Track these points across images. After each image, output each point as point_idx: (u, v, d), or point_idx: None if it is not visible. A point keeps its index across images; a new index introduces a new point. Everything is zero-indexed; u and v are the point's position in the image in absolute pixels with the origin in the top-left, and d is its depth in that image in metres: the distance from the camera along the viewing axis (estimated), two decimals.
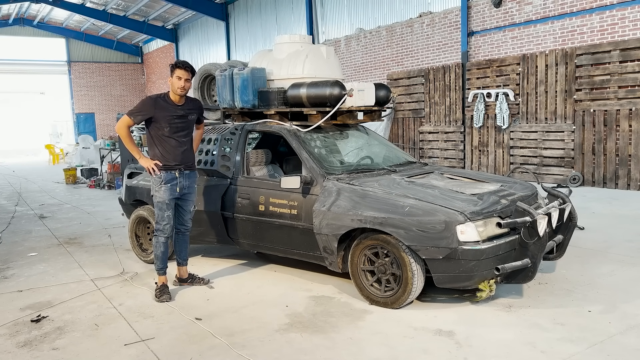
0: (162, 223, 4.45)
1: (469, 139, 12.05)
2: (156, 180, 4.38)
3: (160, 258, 4.51)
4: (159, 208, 4.43)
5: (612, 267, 4.88)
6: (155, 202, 4.43)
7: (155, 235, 4.50)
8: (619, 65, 9.27)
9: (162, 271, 4.52)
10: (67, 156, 20.91)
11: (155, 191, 4.41)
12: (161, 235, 4.48)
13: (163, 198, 4.39)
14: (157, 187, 4.39)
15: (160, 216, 4.44)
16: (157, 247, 4.50)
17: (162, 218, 4.44)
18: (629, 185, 9.30)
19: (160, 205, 4.42)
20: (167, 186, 4.39)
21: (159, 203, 4.41)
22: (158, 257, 4.50)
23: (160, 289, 4.45)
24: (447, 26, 12.53)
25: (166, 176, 4.38)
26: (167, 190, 4.39)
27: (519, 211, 3.87)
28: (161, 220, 4.45)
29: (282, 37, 5.57)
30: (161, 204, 4.41)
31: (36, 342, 3.67)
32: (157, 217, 4.46)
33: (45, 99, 30.90)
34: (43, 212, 9.11)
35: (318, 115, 4.92)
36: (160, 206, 4.42)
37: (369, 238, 4.10)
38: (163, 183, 4.37)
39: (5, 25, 27.87)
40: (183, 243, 4.75)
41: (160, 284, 4.49)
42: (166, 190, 4.39)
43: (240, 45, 21.21)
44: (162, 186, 4.38)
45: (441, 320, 3.79)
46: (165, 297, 4.39)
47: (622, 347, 3.28)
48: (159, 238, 4.48)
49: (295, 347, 3.45)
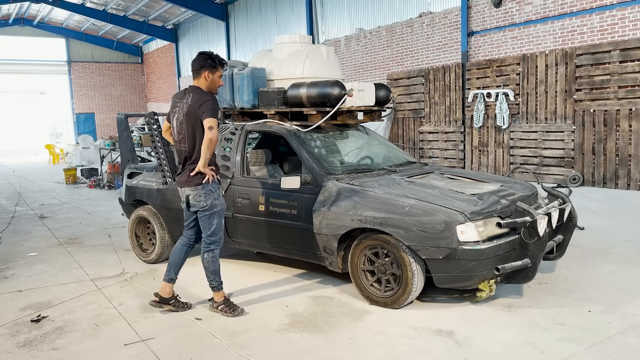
0: (220, 233, 4.05)
1: (469, 139, 12.05)
2: (215, 188, 3.98)
3: (218, 272, 4.09)
4: (220, 216, 4.02)
5: (612, 267, 4.88)
6: (216, 212, 3.98)
7: (211, 249, 4.03)
8: (619, 65, 9.27)
9: (221, 286, 4.12)
10: (67, 156, 20.90)
11: (214, 199, 3.96)
12: (217, 247, 4.07)
13: (224, 204, 4.08)
14: (217, 195, 3.99)
15: (219, 225, 4.03)
16: (214, 262, 4.05)
17: (220, 227, 4.05)
18: (629, 185, 9.30)
19: (221, 214, 4.04)
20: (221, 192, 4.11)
21: (221, 211, 4.03)
22: (216, 272, 4.07)
23: (228, 304, 4.04)
24: (447, 26, 12.53)
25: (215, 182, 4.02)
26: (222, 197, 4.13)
27: (519, 211, 3.87)
28: (220, 229, 4.04)
29: (282, 37, 5.57)
30: (222, 211, 4.05)
31: (36, 342, 3.67)
32: (216, 228, 4.00)
33: (45, 99, 30.92)
34: (43, 212, 9.11)
35: (318, 115, 4.92)
36: (221, 214, 4.03)
37: (369, 238, 4.10)
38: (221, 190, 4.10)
39: (5, 25, 27.88)
40: (186, 256, 4.33)
41: (221, 300, 4.07)
42: (222, 196, 4.11)
43: (240, 45, 21.21)
44: (221, 192, 4.08)
45: (441, 320, 3.79)
46: (239, 310, 4.02)
47: (622, 347, 3.28)
48: (215, 251, 4.06)
49: (295, 347, 3.45)
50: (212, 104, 3.86)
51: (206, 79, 3.93)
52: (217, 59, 3.96)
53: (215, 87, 4.00)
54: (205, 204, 3.95)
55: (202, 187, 3.91)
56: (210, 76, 3.93)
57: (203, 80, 3.95)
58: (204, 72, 3.93)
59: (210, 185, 3.93)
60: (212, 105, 3.84)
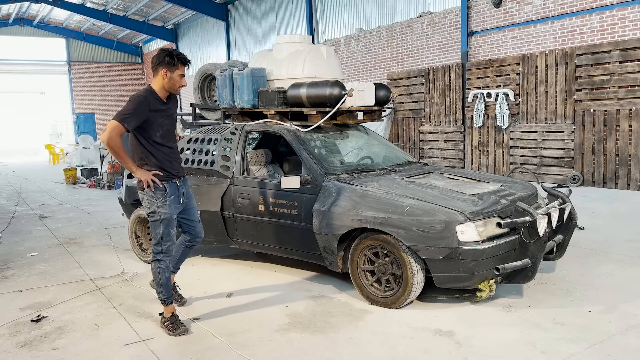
0: (167, 244, 3.76)
1: (469, 139, 12.05)
2: (158, 195, 3.67)
3: (165, 285, 3.78)
4: (165, 226, 3.71)
5: (612, 267, 4.88)
6: (159, 220, 3.70)
7: (157, 260, 3.76)
8: (619, 65, 9.27)
9: (169, 300, 3.82)
10: (67, 156, 20.90)
11: (157, 207, 3.68)
12: (164, 258, 3.77)
13: (170, 213, 3.72)
14: (161, 202, 3.68)
15: (165, 235, 3.73)
16: (161, 274, 3.76)
17: (167, 237, 3.74)
18: (629, 185, 9.30)
19: (166, 223, 3.71)
20: (171, 198, 3.73)
21: (165, 220, 3.70)
22: (162, 285, 3.77)
23: (173, 322, 3.74)
24: (447, 26, 12.53)
25: (170, 188, 3.73)
26: (173, 204, 3.74)
27: (519, 211, 3.87)
28: (166, 240, 3.74)
29: (282, 37, 5.57)
30: (167, 220, 3.71)
31: (36, 342, 3.67)
32: (161, 238, 3.72)
33: (45, 99, 30.91)
34: (43, 212, 9.10)
35: (318, 115, 4.92)
36: (166, 224, 3.72)
37: (369, 238, 4.10)
38: (168, 196, 3.71)
39: (5, 25, 27.87)
40: (186, 255, 4.21)
41: (169, 315, 3.78)
42: (171, 204, 3.73)
43: (240, 45, 21.21)
44: (167, 200, 3.70)
45: (441, 320, 3.79)
46: (182, 329, 3.71)
47: (622, 347, 3.28)
48: (162, 262, 3.76)
49: (295, 347, 3.45)
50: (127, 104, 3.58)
51: (163, 78, 3.65)
52: (177, 56, 3.64)
53: (175, 86, 3.69)
54: (148, 210, 3.73)
55: (145, 192, 3.70)
56: (168, 74, 3.63)
57: (160, 79, 3.67)
58: (161, 70, 3.64)
59: (152, 191, 3.66)
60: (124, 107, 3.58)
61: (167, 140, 3.78)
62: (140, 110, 3.58)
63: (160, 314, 3.88)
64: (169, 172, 3.74)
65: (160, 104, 3.71)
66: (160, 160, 3.72)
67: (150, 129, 3.67)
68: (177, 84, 3.70)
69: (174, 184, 3.77)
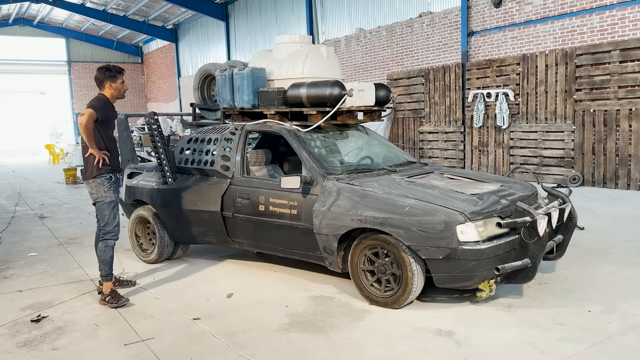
0: (113, 224, 4.42)
1: (469, 139, 12.05)
2: (105, 181, 4.38)
3: (109, 263, 4.41)
4: (111, 209, 4.41)
5: (612, 267, 4.88)
6: (105, 204, 4.39)
7: (105, 239, 4.40)
8: (619, 65, 9.27)
9: (109, 277, 4.42)
10: (67, 156, 20.88)
11: (104, 192, 4.37)
12: (112, 238, 4.43)
13: (114, 198, 4.44)
14: (107, 188, 4.39)
15: (112, 217, 4.41)
16: (107, 252, 4.40)
17: (113, 219, 4.42)
18: (629, 185, 9.30)
19: (112, 206, 4.42)
20: (115, 187, 4.48)
21: (111, 203, 4.41)
22: (107, 263, 4.40)
23: (113, 295, 4.31)
24: (447, 26, 12.53)
25: (114, 177, 4.47)
26: (116, 191, 4.49)
27: (519, 211, 3.87)
28: (112, 221, 4.42)
29: (282, 37, 5.57)
30: (113, 204, 4.43)
31: (36, 342, 3.67)
32: (108, 219, 4.39)
33: (45, 99, 30.91)
34: (43, 212, 9.10)
35: (318, 115, 4.92)
36: (112, 206, 4.42)
37: (369, 238, 4.10)
38: (113, 183, 4.44)
39: (5, 25, 27.88)
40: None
41: (108, 291, 4.34)
42: (115, 190, 4.47)
43: (240, 45, 21.21)
44: (112, 186, 4.43)
45: (441, 320, 3.79)
46: (123, 300, 4.30)
47: (622, 347, 3.28)
48: (109, 242, 4.41)
49: (295, 347, 3.45)
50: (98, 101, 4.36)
51: (110, 88, 4.45)
52: (115, 69, 4.46)
53: (121, 92, 4.51)
54: (96, 196, 4.40)
55: (92, 180, 4.37)
56: (113, 85, 4.45)
57: (108, 90, 4.46)
58: (106, 83, 4.44)
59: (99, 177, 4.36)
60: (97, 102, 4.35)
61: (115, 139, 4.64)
62: (106, 107, 4.43)
63: (99, 292, 4.47)
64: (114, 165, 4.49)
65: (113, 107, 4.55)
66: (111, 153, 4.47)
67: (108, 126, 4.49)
68: (122, 89, 4.52)
69: (116, 176, 4.52)
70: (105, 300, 4.31)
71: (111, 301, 4.28)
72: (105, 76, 4.44)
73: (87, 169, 4.42)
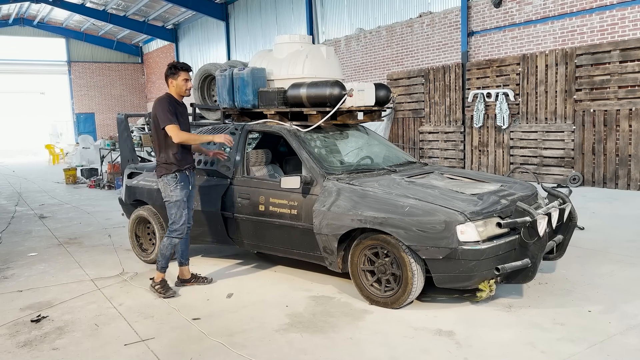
0: (179, 223, 4.48)
1: (469, 139, 12.05)
2: (170, 180, 4.45)
3: (167, 258, 4.54)
4: (177, 207, 4.47)
5: (612, 267, 4.88)
6: (172, 202, 4.47)
7: (170, 236, 4.51)
8: (619, 65, 9.27)
9: (164, 269, 4.56)
10: (67, 156, 20.91)
11: (170, 191, 4.45)
12: (177, 237, 4.52)
13: (180, 197, 4.47)
14: (173, 187, 4.45)
15: (178, 216, 4.47)
16: (169, 249, 4.52)
17: (180, 217, 4.48)
18: (629, 185, 9.30)
19: (178, 204, 4.47)
20: (182, 184, 4.49)
21: (177, 202, 4.46)
22: (165, 257, 4.52)
23: (164, 285, 4.50)
24: (447, 26, 12.53)
25: (181, 176, 4.49)
26: (184, 189, 4.50)
27: (519, 211, 3.87)
28: (179, 220, 4.48)
29: (282, 37, 5.57)
30: (179, 202, 4.47)
31: (36, 342, 3.67)
32: (175, 217, 4.47)
33: (45, 99, 30.89)
34: (43, 212, 9.10)
35: (318, 115, 4.92)
36: (178, 205, 4.47)
37: (369, 238, 4.10)
38: (180, 182, 4.47)
39: (5, 25, 27.87)
40: (187, 242, 4.81)
41: (160, 280, 4.52)
42: (182, 188, 4.49)
43: (240, 45, 21.21)
44: (179, 185, 4.46)
45: (441, 320, 3.79)
46: (171, 292, 4.48)
47: (622, 347, 3.28)
48: (174, 240, 4.52)
49: (295, 347, 3.45)
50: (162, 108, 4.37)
51: (172, 85, 4.50)
52: (177, 66, 4.47)
53: (182, 89, 4.50)
54: (163, 195, 4.54)
55: (161, 178, 4.49)
56: (174, 82, 4.48)
57: (171, 88, 4.51)
58: (169, 80, 4.50)
59: (168, 177, 4.45)
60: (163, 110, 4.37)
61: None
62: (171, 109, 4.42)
63: (151, 278, 4.61)
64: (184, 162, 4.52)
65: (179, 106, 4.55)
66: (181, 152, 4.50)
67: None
68: (184, 87, 4.49)
69: (184, 173, 4.52)
70: (154, 288, 4.51)
71: (160, 290, 4.47)
72: (168, 73, 4.48)
73: (156, 168, 4.58)
